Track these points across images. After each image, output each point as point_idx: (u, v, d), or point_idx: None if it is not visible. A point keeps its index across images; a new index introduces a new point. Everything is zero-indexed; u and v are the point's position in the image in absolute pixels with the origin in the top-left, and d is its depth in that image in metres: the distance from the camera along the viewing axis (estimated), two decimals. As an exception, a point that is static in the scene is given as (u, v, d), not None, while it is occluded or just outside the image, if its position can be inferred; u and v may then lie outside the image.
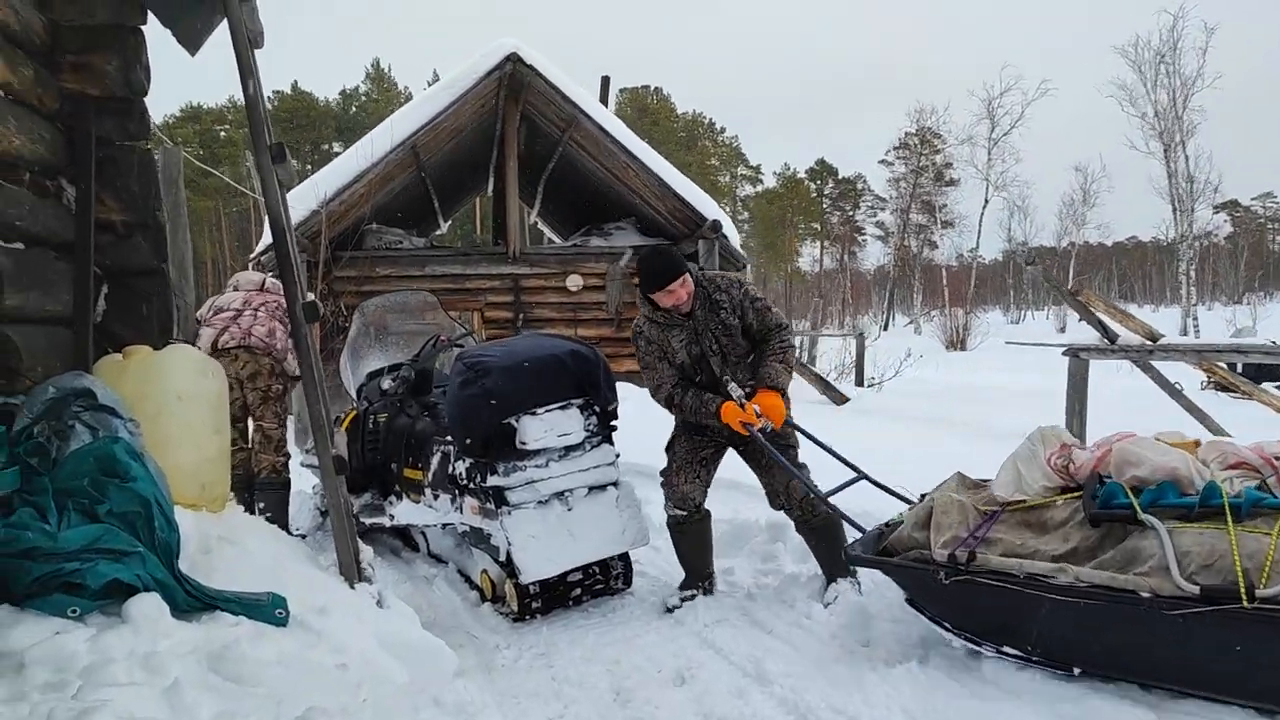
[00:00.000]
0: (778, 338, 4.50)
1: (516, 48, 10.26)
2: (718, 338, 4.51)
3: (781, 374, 4.45)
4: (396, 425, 5.89)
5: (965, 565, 3.38)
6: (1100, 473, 3.41)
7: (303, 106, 62.68)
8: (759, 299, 4.53)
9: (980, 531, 3.49)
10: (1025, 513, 3.50)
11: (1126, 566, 3.07)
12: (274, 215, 3.35)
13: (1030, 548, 3.33)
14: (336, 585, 3.39)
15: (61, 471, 2.71)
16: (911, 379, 15.32)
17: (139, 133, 3.64)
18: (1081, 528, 3.28)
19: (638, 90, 69.47)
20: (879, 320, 55.04)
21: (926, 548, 3.56)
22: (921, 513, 3.72)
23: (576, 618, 4.74)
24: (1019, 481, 3.59)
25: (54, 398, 2.85)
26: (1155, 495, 3.19)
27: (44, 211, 3.28)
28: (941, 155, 57.15)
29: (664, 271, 4.39)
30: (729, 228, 10.89)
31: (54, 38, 3.45)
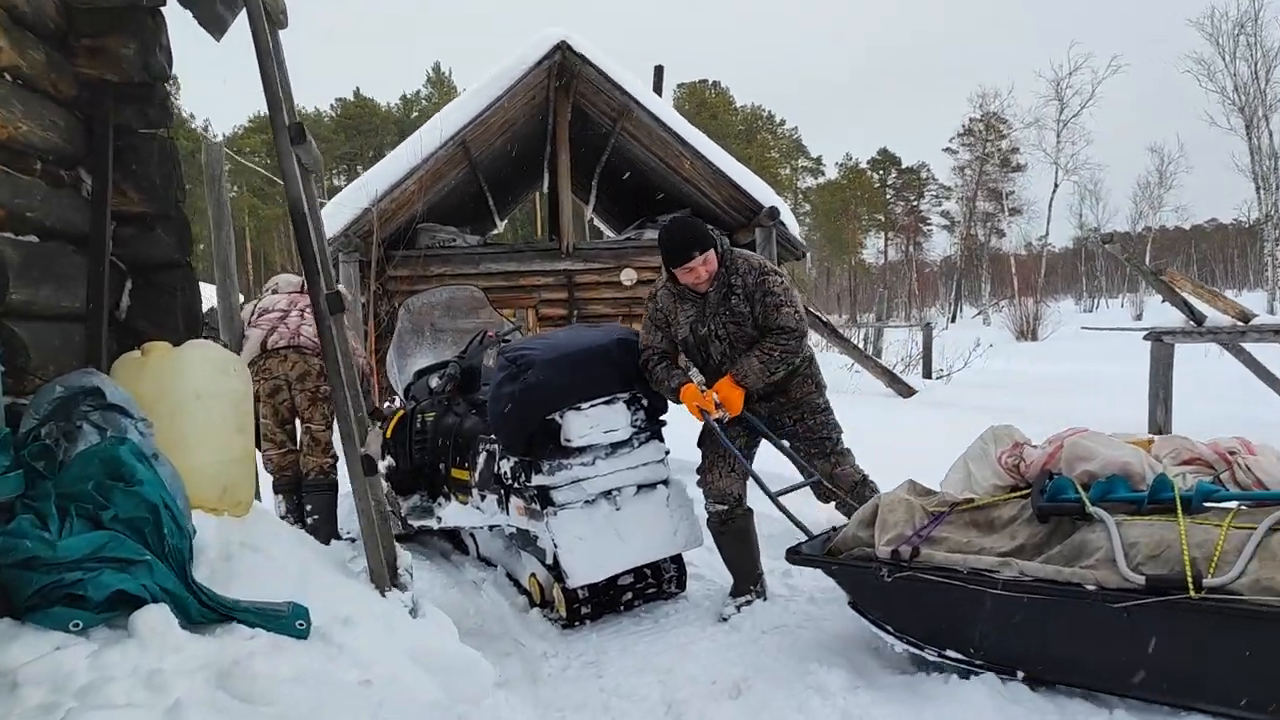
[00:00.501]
0: (773, 339, 4.19)
1: (565, 36, 10.06)
2: (725, 323, 4.27)
3: (753, 370, 4.19)
4: (444, 424, 5.72)
5: (908, 562, 3.32)
6: (1051, 469, 3.35)
7: (365, 112, 63.55)
8: (776, 293, 4.19)
9: (926, 530, 3.43)
10: (974, 512, 3.43)
11: (1073, 560, 3.00)
12: (294, 200, 3.16)
13: (976, 545, 3.26)
14: (367, 594, 3.20)
15: (66, 475, 2.54)
16: (981, 370, 14.82)
17: (160, 120, 3.48)
18: (1029, 525, 3.22)
19: (695, 85, 69.10)
20: (946, 311, 54.03)
21: (871, 546, 3.49)
22: (867, 511, 3.64)
23: (627, 624, 4.52)
24: (968, 480, 3.55)
25: (61, 397, 2.69)
26: (1105, 489, 3.15)
27: (59, 202, 3.13)
28: (1007, 140, 55.88)
29: (682, 246, 4.16)
30: (786, 215, 10.56)
31: (69, 21, 3.30)
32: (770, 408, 4.43)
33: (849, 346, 12.11)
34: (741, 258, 4.30)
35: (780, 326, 4.17)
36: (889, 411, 9.48)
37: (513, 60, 10.11)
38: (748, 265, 4.27)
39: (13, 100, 2.83)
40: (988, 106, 55.20)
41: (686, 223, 4.24)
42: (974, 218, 58.30)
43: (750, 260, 4.30)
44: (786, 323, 4.17)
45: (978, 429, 7.18)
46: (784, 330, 4.17)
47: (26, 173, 2.97)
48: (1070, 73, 48.97)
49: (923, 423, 8.46)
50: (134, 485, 2.51)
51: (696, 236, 4.15)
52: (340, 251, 9.72)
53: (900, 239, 72.34)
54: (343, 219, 9.67)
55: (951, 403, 10.61)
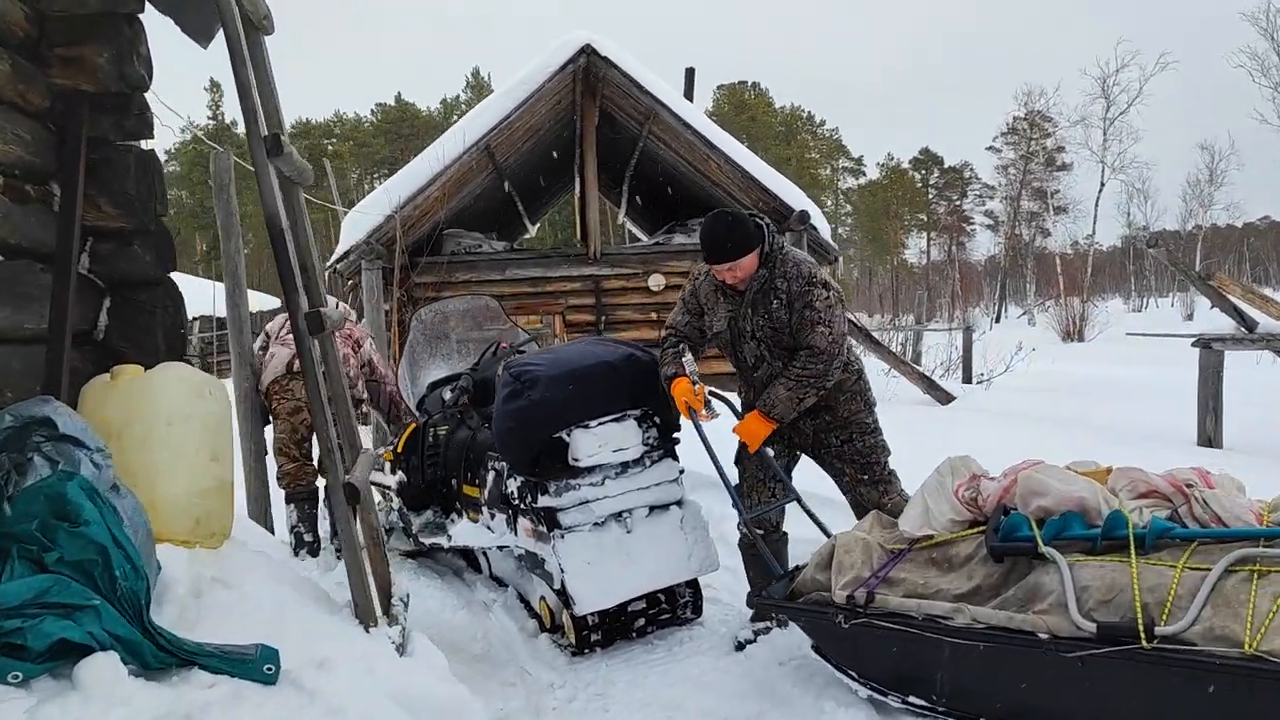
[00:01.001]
0: (801, 361, 3.90)
1: (590, 40, 9.87)
2: (761, 325, 4.01)
3: (780, 400, 3.93)
4: (456, 439, 5.54)
5: (863, 607, 3.21)
6: (1006, 504, 3.23)
7: (406, 117, 63.94)
8: (816, 308, 3.88)
9: (884, 571, 3.32)
10: (932, 549, 3.32)
11: (1026, 604, 2.90)
12: (269, 215, 2.99)
13: (933, 587, 3.16)
14: (349, 631, 3.01)
15: (10, 513, 2.39)
16: (1024, 374, 14.37)
17: (137, 131, 3.33)
18: (985, 564, 3.11)
19: (734, 86, 68.73)
20: (990, 312, 53.20)
21: (829, 590, 3.38)
22: (824, 552, 3.52)
23: (639, 652, 4.31)
24: (926, 516, 3.40)
25: (11, 427, 2.53)
26: (1060, 527, 3.02)
27: (25, 219, 2.98)
28: (1053, 139, 54.89)
29: (718, 247, 3.92)
30: (818, 218, 10.28)
31: (40, 29, 3.16)
32: (816, 425, 4.16)
33: (884, 352, 11.79)
34: (792, 261, 3.99)
35: (810, 346, 3.88)
36: (923, 420, 9.13)
37: (537, 65, 9.94)
38: (796, 271, 3.96)
39: (-33, 113, 2.68)
40: (1032, 104, 54.33)
41: (730, 221, 3.94)
42: (1018, 217, 57.36)
43: (801, 267, 3.98)
44: (817, 343, 3.86)
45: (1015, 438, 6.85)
46: (813, 351, 3.87)
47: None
48: (1118, 70, 48.05)
49: (957, 431, 8.14)
50: (79, 525, 2.34)
51: (736, 239, 3.89)
52: (363, 259, 9.61)
53: (943, 239, 71.36)
54: (366, 226, 9.56)
55: (990, 410, 10.24)
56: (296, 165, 3.29)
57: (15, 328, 2.86)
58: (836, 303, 3.93)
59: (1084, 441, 7.70)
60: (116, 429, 2.87)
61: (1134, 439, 8.02)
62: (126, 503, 2.64)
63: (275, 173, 3.07)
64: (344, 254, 9.70)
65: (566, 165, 14.12)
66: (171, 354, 3.42)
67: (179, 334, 3.49)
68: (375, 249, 9.64)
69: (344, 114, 65.91)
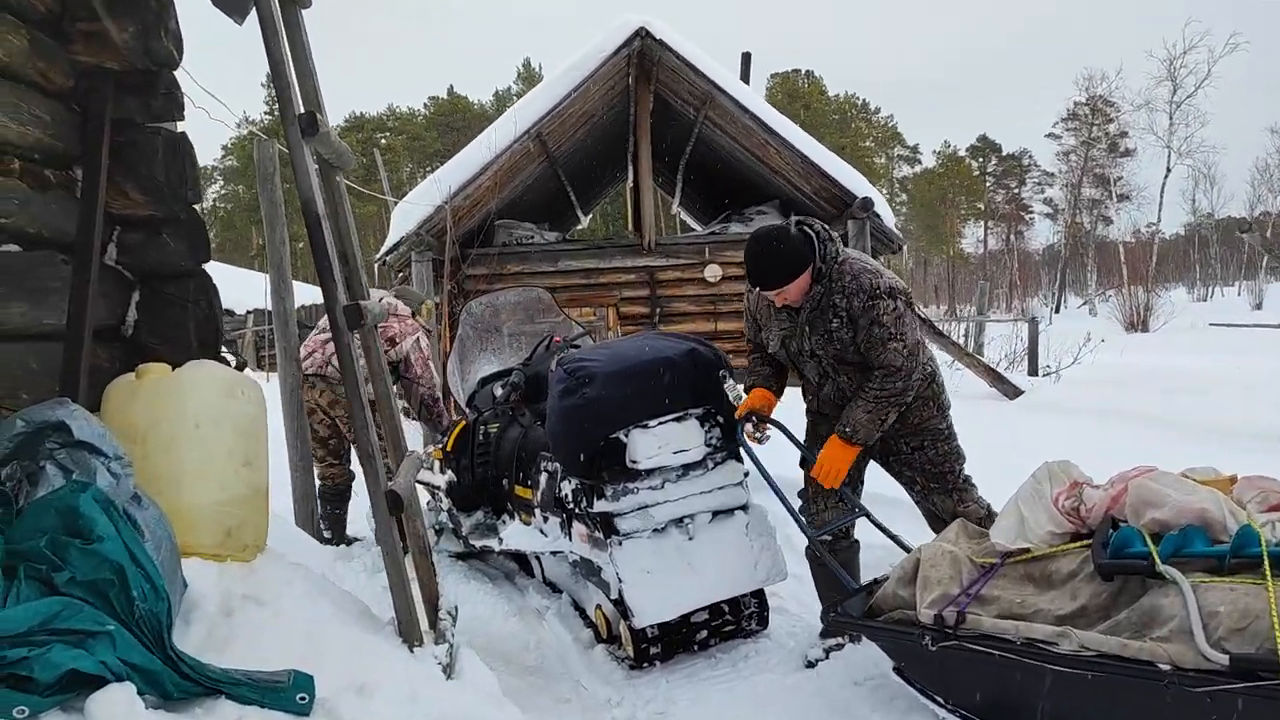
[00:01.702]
0: (878, 381, 3.57)
1: (645, 23, 9.55)
2: (821, 344, 3.71)
3: (861, 424, 3.61)
4: (508, 436, 5.30)
5: (953, 629, 2.93)
6: (1115, 515, 2.91)
7: (457, 109, 64.12)
8: (885, 324, 3.52)
9: (975, 588, 3.02)
10: (1028, 564, 3.01)
11: (1143, 630, 2.59)
12: (305, 200, 2.74)
13: (1031, 606, 2.85)
14: (391, 652, 2.77)
15: (19, 528, 2.17)
16: (1092, 365, 13.81)
17: (165, 112, 3.12)
18: (1092, 582, 2.79)
19: (787, 74, 67.91)
20: (1049, 302, 52.00)
21: (913, 607, 3.10)
22: (908, 566, 3.24)
23: (702, 666, 4.04)
24: (1021, 527, 3.08)
25: (24, 433, 2.32)
26: (1179, 542, 2.70)
27: (45, 207, 2.78)
28: (1115, 124, 53.39)
29: (769, 273, 3.61)
30: (881, 205, 9.88)
31: (63, 4, 2.95)
32: (885, 432, 3.83)
33: (949, 344, 11.36)
34: (850, 273, 3.61)
35: (884, 365, 3.54)
36: (992, 415, 8.74)
37: (589, 49, 9.64)
38: (856, 285, 3.57)
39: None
40: (1094, 89, 52.86)
41: (775, 243, 3.58)
42: (1079, 205, 55.97)
43: (861, 279, 3.58)
44: (892, 361, 3.53)
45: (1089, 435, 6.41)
46: (888, 370, 3.54)
47: (1, 174, 2.61)
48: (1185, 52, 46.44)
49: (1032, 428, 7.73)
50: (92, 542, 2.12)
51: (784, 262, 3.56)
52: (413, 251, 9.41)
53: (1001, 228, 69.96)
54: (416, 217, 9.36)
55: (1063, 404, 9.78)
56: (335, 148, 3.05)
57: (33, 324, 2.65)
58: (906, 310, 3.59)
59: (1165, 439, 7.26)
60: (141, 432, 2.65)
61: (1217, 433, 7.56)
62: (148, 514, 2.42)
63: (311, 155, 2.82)
64: (393, 246, 9.51)
65: (620, 153, 13.84)
66: (204, 350, 3.21)
67: (213, 329, 3.27)
68: (425, 240, 9.44)
69: (397, 107, 66.22)
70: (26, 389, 2.57)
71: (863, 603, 3.41)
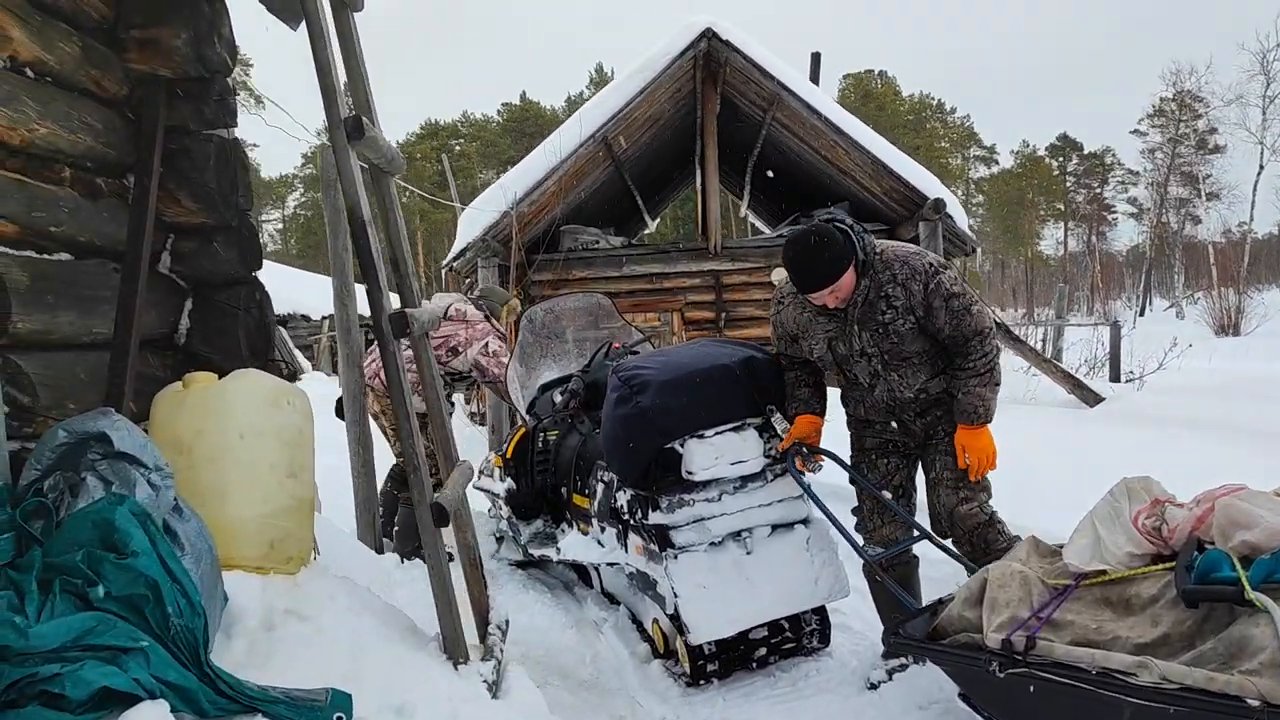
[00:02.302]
0: (978, 349, 3.41)
1: (712, 24, 9.45)
2: (874, 340, 3.52)
3: (986, 400, 3.44)
4: (567, 444, 5.23)
5: (1023, 655, 2.72)
6: (1201, 537, 2.70)
7: (530, 115, 64.63)
8: (958, 293, 3.39)
9: (1046, 611, 2.82)
10: (1105, 587, 2.81)
11: (1230, 662, 2.39)
12: (351, 205, 2.70)
13: (1108, 633, 2.66)
14: (435, 669, 2.70)
15: (56, 542, 2.14)
16: (1179, 370, 13.26)
17: (218, 119, 3.10)
18: (1175, 608, 2.59)
19: (860, 75, 67.11)
20: (1133, 305, 50.48)
21: (979, 630, 2.90)
22: (974, 586, 3.04)
23: (760, 685, 3.91)
24: (1097, 547, 2.89)
25: (66, 444, 2.30)
26: (1271, 567, 2.49)
27: (96, 215, 2.78)
28: (1204, 120, 51.57)
29: (815, 274, 3.41)
30: (954, 206, 9.61)
31: (117, 11, 2.95)
32: (925, 423, 3.69)
33: (1026, 349, 11.02)
34: (899, 259, 3.45)
35: (976, 331, 3.40)
36: (1069, 425, 8.39)
37: (656, 51, 9.57)
38: (908, 270, 3.41)
39: (24, 99, 2.46)
40: (1181, 84, 51.11)
41: (815, 242, 3.40)
42: (1165, 204, 54.21)
43: (911, 262, 3.43)
44: (984, 323, 3.41)
45: (1179, 445, 6.08)
46: (983, 334, 3.41)
47: (51, 181, 2.61)
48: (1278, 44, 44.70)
49: (1110, 438, 7.38)
50: (127, 557, 2.08)
51: (829, 260, 3.36)
52: (479, 257, 9.43)
53: (1082, 229, 68.16)
54: (482, 223, 9.37)
55: (1145, 413, 9.35)
56: (384, 152, 3.01)
57: (82, 333, 2.64)
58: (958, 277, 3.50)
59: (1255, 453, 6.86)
60: (187, 443, 2.63)
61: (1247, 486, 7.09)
62: (189, 526, 2.39)
63: (358, 159, 2.78)
64: (460, 252, 9.54)
65: (688, 156, 13.73)
66: (256, 358, 3.19)
67: (265, 336, 3.25)
68: (491, 246, 9.45)
69: (471, 114, 66.98)
70: (74, 399, 2.56)
71: (926, 624, 3.22)
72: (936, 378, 3.57)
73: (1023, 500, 4.80)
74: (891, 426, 3.75)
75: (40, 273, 2.49)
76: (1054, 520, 4.39)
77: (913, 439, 3.74)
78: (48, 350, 2.52)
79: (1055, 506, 4.62)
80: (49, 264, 2.56)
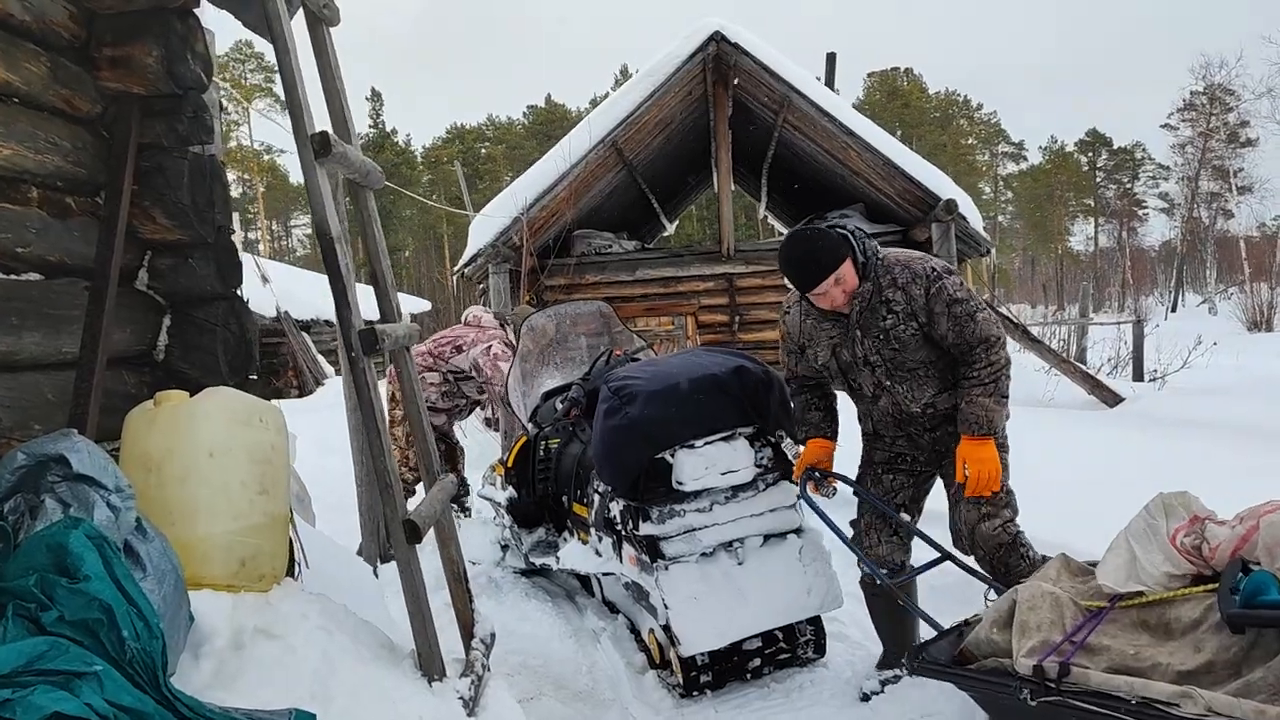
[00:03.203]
0: (984, 361, 3.28)
1: (721, 26, 9.39)
2: (877, 348, 3.44)
3: (988, 410, 3.29)
4: (568, 453, 5.21)
5: (1056, 682, 2.56)
6: (1245, 556, 2.58)
7: (555, 117, 64.79)
8: (962, 299, 3.28)
9: (1080, 635, 2.67)
10: (1142, 609, 2.69)
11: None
12: (319, 222, 2.68)
13: (1148, 659, 2.52)
14: (407, 687, 2.68)
15: (11, 565, 2.14)
16: (1206, 368, 13.00)
17: (192, 135, 3.09)
18: (1219, 633, 2.47)
19: (886, 73, 66.74)
20: (1165, 301, 49.81)
21: (1009, 655, 2.74)
22: (1003, 608, 2.89)
23: (753, 697, 3.87)
24: (1133, 567, 2.76)
25: (25, 466, 2.30)
26: None
27: (66, 234, 2.78)
28: (1235, 113, 50.81)
29: (802, 271, 3.37)
30: (968, 207, 9.49)
31: (89, 29, 2.95)
32: (935, 438, 3.60)
33: (1043, 349, 10.86)
34: (900, 263, 3.39)
35: (984, 338, 3.27)
36: (1083, 427, 8.20)
37: (664, 56, 9.53)
38: (909, 274, 3.35)
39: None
40: (1211, 77, 50.39)
41: (806, 237, 3.38)
42: (1197, 198, 53.47)
43: (913, 266, 3.37)
44: (989, 331, 3.28)
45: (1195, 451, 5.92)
46: (989, 343, 3.27)
47: (17, 202, 2.62)
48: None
49: (1128, 441, 7.22)
50: (79, 581, 2.07)
51: (823, 252, 3.31)
52: (490, 263, 9.43)
53: (1112, 224, 67.36)
54: (492, 229, 9.37)
55: (1164, 415, 9.14)
56: (358, 166, 2.99)
57: (50, 353, 2.64)
58: (965, 283, 3.40)
59: (1279, 450, 6.71)
60: (157, 461, 2.62)
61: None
62: (152, 547, 2.37)
63: (326, 176, 2.76)
64: (471, 258, 9.55)
65: (703, 158, 13.69)
66: (235, 374, 3.18)
67: (244, 353, 3.24)
68: (502, 252, 9.45)
69: (496, 117, 67.26)
70: (39, 419, 2.56)
71: (952, 646, 3.08)
72: (945, 392, 3.47)
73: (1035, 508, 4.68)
74: (900, 442, 3.68)
75: (5, 293, 2.49)
76: (1063, 530, 4.31)
77: (922, 453, 3.65)
78: (13, 371, 2.52)
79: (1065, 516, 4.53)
80: (15, 284, 2.56)
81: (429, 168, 61.64)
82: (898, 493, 3.68)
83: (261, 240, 55.73)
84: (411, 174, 58.12)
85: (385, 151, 56.47)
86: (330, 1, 3.17)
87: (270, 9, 2.67)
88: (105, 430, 2.74)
